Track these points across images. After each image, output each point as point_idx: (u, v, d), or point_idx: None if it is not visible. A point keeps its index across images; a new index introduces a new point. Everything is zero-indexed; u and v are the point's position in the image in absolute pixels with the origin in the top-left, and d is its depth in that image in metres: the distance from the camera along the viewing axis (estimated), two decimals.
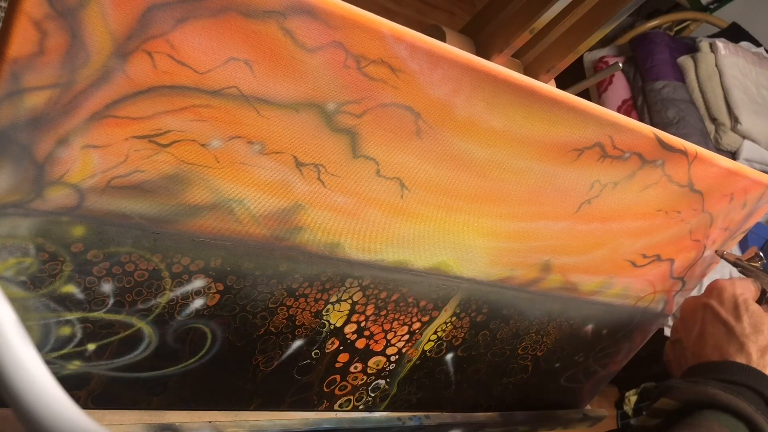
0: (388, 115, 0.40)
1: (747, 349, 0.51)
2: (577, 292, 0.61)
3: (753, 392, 0.48)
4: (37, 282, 0.38)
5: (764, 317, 0.53)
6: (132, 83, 0.33)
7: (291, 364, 0.51)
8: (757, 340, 0.52)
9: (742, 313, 0.54)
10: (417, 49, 0.38)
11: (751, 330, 0.52)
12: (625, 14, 0.61)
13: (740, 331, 0.52)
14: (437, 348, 0.58)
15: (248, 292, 0.45)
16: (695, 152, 0.54)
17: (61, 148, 0.33)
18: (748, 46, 1.54)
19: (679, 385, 0.50)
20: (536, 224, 0.52)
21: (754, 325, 0.53)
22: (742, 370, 0.50)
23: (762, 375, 0.50)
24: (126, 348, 0.43)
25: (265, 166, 0.39)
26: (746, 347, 0.51)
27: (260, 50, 0.35)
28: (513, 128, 0.44)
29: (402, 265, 0.49)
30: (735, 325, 0.53)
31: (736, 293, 0.55)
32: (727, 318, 0.54)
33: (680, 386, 0.50)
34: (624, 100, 1.40)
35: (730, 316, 0.54)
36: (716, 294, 0.56)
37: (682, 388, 0.49)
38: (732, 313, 0.54)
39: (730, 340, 0.52)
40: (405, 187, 0.44)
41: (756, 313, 0.54)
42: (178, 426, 0.48)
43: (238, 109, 0.36)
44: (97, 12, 0.30)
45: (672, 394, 0.50)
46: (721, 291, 0.56)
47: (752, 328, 0.52)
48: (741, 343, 0.52)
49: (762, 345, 0.51)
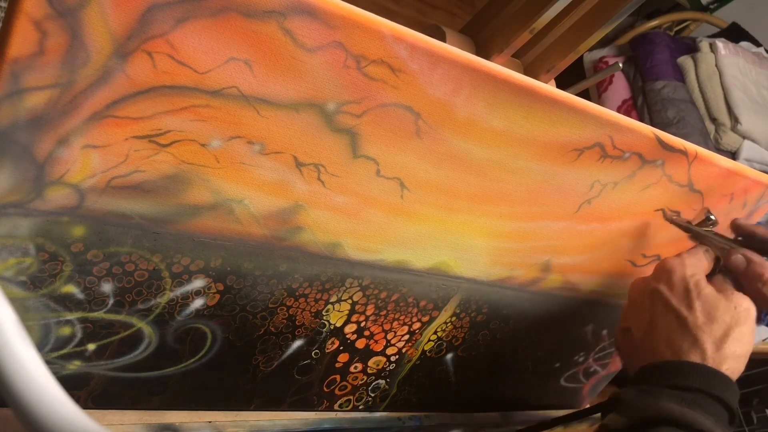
0: (388, 115, 0.40)
1: (701, 344, 0.48)
2: (577, 292, 0.61)
3: (710, 398, 0.45)
4: (37, 282, 0.38)
5: (718, 301, 0.49)
6: (132, 83, 0.33)
7: (291, 364, 0.51)
8: (711, 330, 0.48)
9: (693, 299, 0.49)
10: (417, 49, 0.38)
11: (704, 319, 0.48)
12: (625, 14, 0.61)
13: (693, 322, 0.48)
14: (437, 348, 0.58)
15: (248, 292, 0.45)
16: (695, 152, 0.54)
17: (61, 148, 0.33)
18: (748, 46, 1.54)
19: (629, 399, 0.46)
20: (536, 224, 0.52)
21: (707, 312, 0.49)
22: (697, 373, 0.46)
23: (718, 375, 0.46)
24: (126, 348, 0.43)
25: (265, 166, 0.39)
26: (700, 341, 0.48)
27: (260, 50, 0.35)
28: (513, 128, 0.44)
29: (402, 265, 0.49)
30: (687, 315, 0.49)
31: (686, 275, 0.51)
32: (679, 308, 0.50)
33: (631, 400, 0.46)
34: (624, 100, 1.40)
35: (681, 305, 0.50)
36: (665, 277, 0.52)
37: (634, 403, 0.45)
38: (683, 300, 0.50)
39: (682, 334, 0.49)
40: (405, 187, 0.44)
41: (709, 298, 0.49)
42: (178, 426, 0.48)
43: (238, 109, 0.36)
44: (97, 12, 0.30)
45: (622, 410, 0.46)
46: (670, 273, 0.51)
47: (705, 317, 0.49)
48: (694, 337, 0.48)
49: (717, 336, 0.48)
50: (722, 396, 0.45)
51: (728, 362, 0.47)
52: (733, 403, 0.45)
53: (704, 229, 0.56)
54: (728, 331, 0.48)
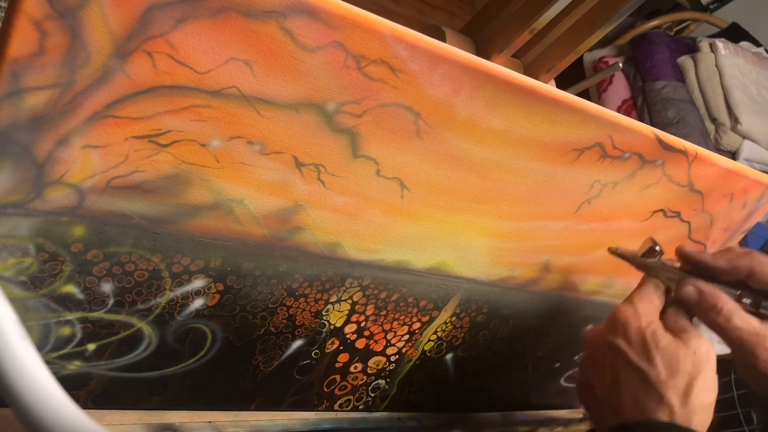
0: (388, 115, 0.40)
1: (667, 400, 0.46)
2: (577, 292, 0.61)
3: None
4: (37, 282, 0.38)
5: (678, 349, 0.48)
6: (132, 83, 0.33)
7: (291, 364, 0.51)
8: (675, 384, 0.47)
9: (652, 353, 0.48)
10: (417, 49, 0.38)
11: (666, 374, 0.47)
12: (625, 14, 0.61)
13: (655, 378, 0.47)
14: (437, 348, 0.58)
15: (248, 292, 0.45)
16: (695, 152, 0.54)
17: (61, 148, 0.33)
18: (748, 46, 1.54)
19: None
20: (536, 224, 0.52)
21: (668, 365, 0.47)
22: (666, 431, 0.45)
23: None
24: (126, 348, 0.43)
25: (265, 166, 0.39)
26: (666, 397, 0.46)
27: (260, 50, 0.35)
28: (513, 128, 0.44)
29: (402, 265, 0.49)
30: (648, 370, 0.47)
31: (642, 326, 0.49)
32: (639, 363, 0.48)
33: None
34: (624, 100, 1.40)
35: (641, 360, 0.48)
36: (621, 331, 0.50)
37: None
38: (642, 354, 0.48)
39: (647, 392, 0.47)
40: (405, 187, 0.44)
41: (668, 349, 0.48)
42: (178, 426, 0.48)
43: (238, 109, 0.36)
44: (97, 12, 0.30)
45: None
46: (625, 326, 0.50)
47: (667, 370, 0.47)
48: (659, 393, 0.47)
49: (681, 389, 0.47)
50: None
51: (697, 416, 0.46)
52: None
53: (650, 260, 0.53)
54: (691, 382, 0.47)
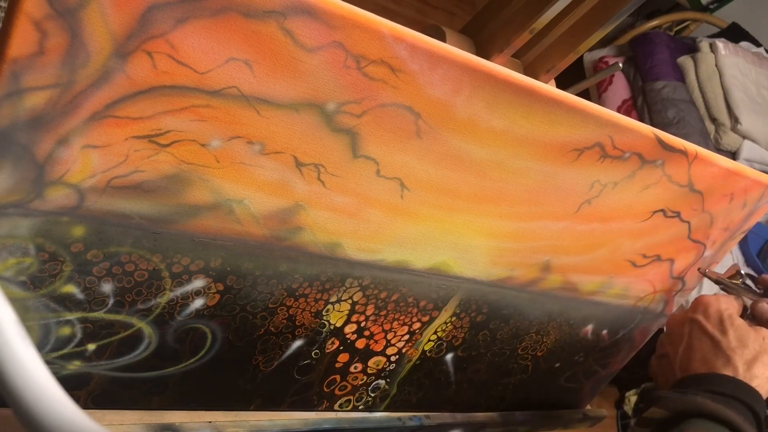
0: (388, 115, 0.40)
1: (734, 363, 0.52)
2: (577, 292, 0.61)
3: (740, 403, 0.49)
4: (37, 282, 0.38)
5: (749, 331, 0.54)
6: (132, 83, 0.33)
7: (291, 364, 0.51)
8: (743, 353, 0.53)
9: (727, 327, 0.55)
10: (417, 49, 0.38)
11: (736, 343, 0.53)
12: (625, 14, 0.61)
13: (726, 345, 0.53)
14: (437, 348, 0.58)
15: (248, 292, 0.45)
16: (695, 152, 0.54)
17: (61, 148, 0.33)
18: (748, 46, 1.54)
19: (668, 395, 0.51)
20: (536, 224, 0.52)
21: (739, 338, 0.54)
22: (729, 382, 0.51)
23: (749, 387, 0.51)
24: (126, 348, 0.43)
25: (265, 166, 0.39)
26: (733, 360, 0.53)
27: (260, 50, 0.35)
28: (513, 128, 0.44)
29: (402, 265, 0.49)
30: (721, 339, 0.54)
31: (721, 308, 0.56)
32: (713, 332, 0.55)
33: (670, 396, 0.51)
34: (624, 100, 1.40)
35: (716, 330, 0.55)
36: (702, 309, 0.57)
37: (672, 398, 0.50)
38: (717, 327, 0.55)
39: (716, 354, 0.54)
40: (405, 187, 0.44)
41: (741, 327, 0.55)
42: (178, 426, 0.48)
43: (238, 109, 0.36)
44: (97, 12, 0.30)
45: (661, 403, 0.51)
46: (706, 306, 0.57)
47: (738, 342, 0.53)
48: (727, 356, 0.53)
49: (748, 358, 0.53)
50: (752, 404, 0.49)
51: (757, 380, 0.52)
52: (761, 413, 0.50)
53: (733, 282, 0.62)
54: (757, 356, 0.53)
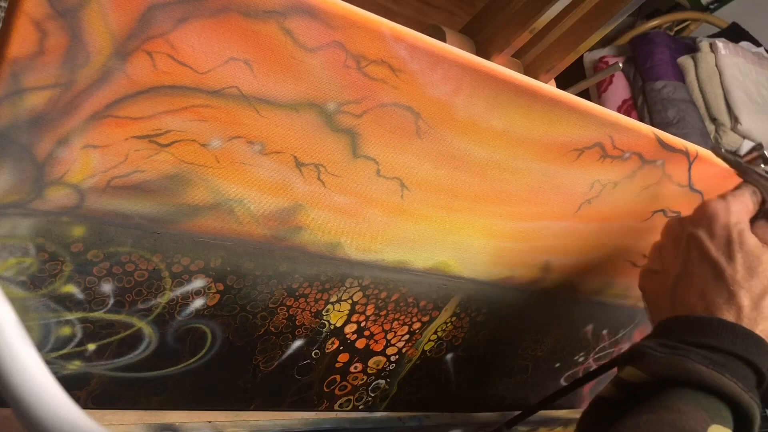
0: (388, 115, 0.40)
1: (738, 300, 0.44)
2: (577, 292, 0.61)
3: (740, 361, 0.42)
4: (37, 282, 0.38)
5: (762, 254, 0.45)
6: (132, 83, 0.33)
7: (291, 364, 0.51)
8: (750, 287, 0.44)
9: (735, 251, 0.45)
10: (417, 49, 0.38)
11: (744, 274, 0.44)
12: (625, 14, 0.61)
13: (731, 276, 0.44)
14: (437, 348, 0.58)
15: (248, 292, 0.45)
16: (696, 152, 0.54)
17: (61, 148, 0.33)
18: (748, 46, 1.54)
19: (652, 354, 0.42)
20: (536, 224, 0.52)
21: (748, 266, 0.44)
22: (730, 333, 0.42)
23: (752, 337, 0.42)
24: (126, 348, 0.43)
25: (265, 166, 0.39)
26: (737, 297, 0.44)
27: (260, 50, 0.35)
28: (513, 128, 0.44)
29: (402, 265, 0.49)
30: (726, 267, 0.45)
31: (730, 223, 0.46)
32: (718, 258, 0.45)
33: (654, 356, 0.42)
34: (624, 100, 1.40)
35: (720, 255, 0.45)
36: (706, 223, 0.47)
37: (657, 359, 0.42)
38: (724, 250, 0.45)
39: (718, 287, 0.44)
40: (405, 187, 0.44)
41: (752, 250, 0.45)
42: (178, 426, 0.48)
43: (238, 109, 0.36)
44: (97, 12, 0.30)
45: (643, 364, 0.42)
46: (712, 219, 0.47)
47: (745, 271, 0.44)
48: (731, 292, 0.44)
49: (756, 293, 0.44)
50: (753, 359, 0.42)
51: (764, 322, 0.44)
52: (763, 367, 0.42)
53: (754, 167, 0.50)
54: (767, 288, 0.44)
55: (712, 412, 0.40)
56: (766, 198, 0.49)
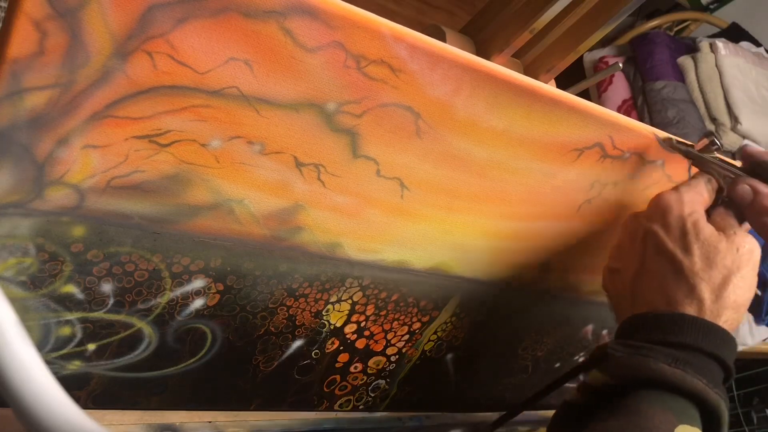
0: (388, 115, 0.40)
1: (698, 293, 0.43)
2: (577, 292, 0.61)
3: (705, 356, 0.41)
4: (37, 282, 0.38)
5: (719, 242, 0.44)
6: (132, 83, 0.33)
7: (291, 364, 0.51)
8: (710, 277, 0.43)
9: (691, 242, 0.44)
10: (417, 49, 0.38)
11: (702, 265, 0.44)
12: (625, 14, 0.61)
13: (689, 268, 0.44)
14: (437, 348, 0.58)
15: (248, 292, 0.45)
16: None
17: (61, 148, 0.33)
18: (748, 46, 1.54)
19: (614, 355, 0.42)
20: (536, 224, 0.52)
21: (705, 257, 0.44)
22: (692, 327, 0.42)
23: (715, 330, 0.42)
24: (126, 348, 0.43)
25: (265, 166, 0.39)
26: (697, 289, 0.43)
27: (260, 50, 0.35)
28: (513, 128, 0.44)
29: (402, 265, 0.49)
30: (683, 259, 0.44)
31: (684, 213, 0.45)
32: (674, 251, 0.45)
33: (618, 358, 0.41)
34: (624, 100, 1.40)
35: (677, 248, 0.45)
36: (660, 216, 0.46)
37: (620, 360, 0.41)
38: (679, 243, 0.45)
39: (677, 281, 0.44)
40: (405, 187, 0.44)
41: (708, 240, 0.44)
42: (178, 426, 0.48)
43: (238, 109, 0.36)
44: (97, 12, 0.30)
45: (606, 367, 0.42)
46: (665, 211, 0.46)
47: (704, 262, 0.44)
48: (691, 284, 0.43)
49: (716, 283, 0.43)
50: (719, 353, 0.41)
51: (726, 313, 0.43)
52: (729, 360, 0.42)
53: (708, 155, 0.49)
54: (728, 276, 0.43)
55: (679, 412, 0.39)
56: (722, 185, 0.48)
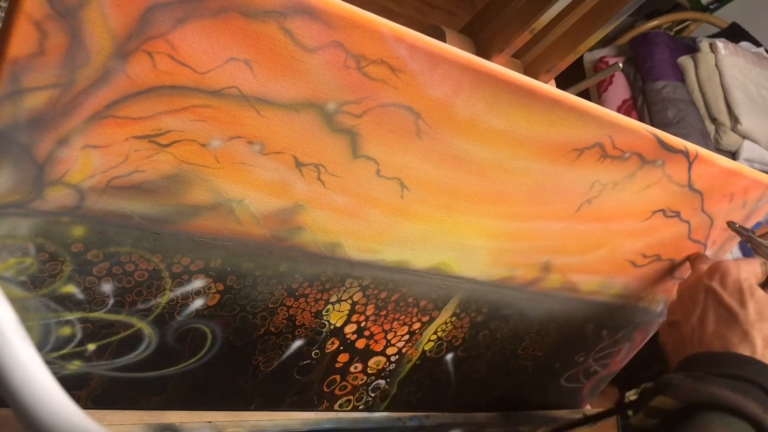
0: (388, 115, 0.40)
1: (751, 339, 0.48)
2: (577, 292, 0.61)
3: (759, 389, 0.45)
4: (37, 282, 0.38)
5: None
6: (132, 83, 0.33)
7: (291, 364, 0.51)
8: (762, 328, 0.48)
9: (747, 299, 0.50)
10: (417, 49, 0.38)
11: (756, 317, 0.49)
12: (625, 14, 0.61)
13: (744, 319, 0.49)
14: (437, 348, 0.58)
15: (248, 292, 0.45)
16: (695, 152, 0.54)
17: (62, 148, 0.33)
18: (748, 46, 1.54)
19: (680, 383, 0.46)
20: (536, 224, 0.52)
21: (759, 312, 0.49)
22: (747, 364, 0.46)
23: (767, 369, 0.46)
24: (126, 348, 0.43)
25: (265, 166, 0.39)
26: (750, 336, 0.48)
27: (260, 50, 0.35)
28: (513, 128, 0.44)
29: (402, 265, 0.49)
30: (739, 311, 0.49)
31: (741, 278, 0.52)
32: (731, 303, 0.50)
33: (682, 384, 0.45)
34: (624, 100, 1.40)
35: (734, 301, 0.50)
36: (719, 277, 0.52)
37: (685, 386, 0.45)
38: (736, 298, 0.50)
39: (733, 328, 0.49)
40: (405, 187, 0.44)
41: (762, 299, 0.50)
42: (178, 426, 0.48)
43: (238, 109, 0.36)
44: (97, 12, 0.30)
45: (672, 392, 0.45)
46: (724, 274, 0.52)
47: (757, 315, 0.49)
48: (745, 331, 0.48)
49: (766, 333, 0.48)
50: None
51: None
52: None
53: (765, 241, 0.57)
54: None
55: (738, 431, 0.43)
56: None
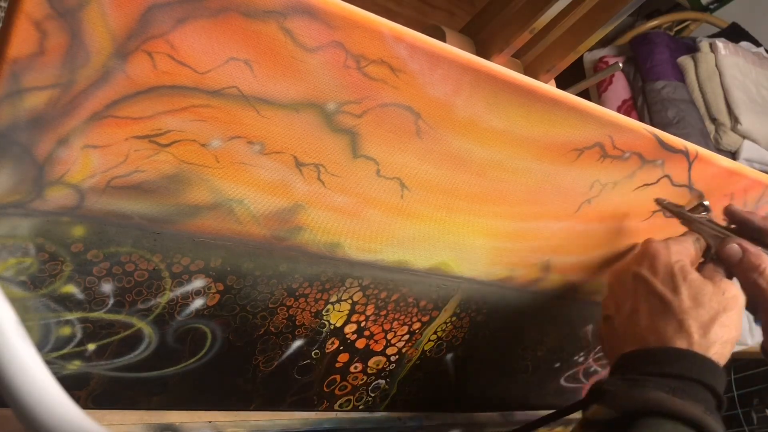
0: (388, 115, 0.40)
1: (687, 329, 0.45)
2: (577, 292, 0.61)
3: (699, 385, 0.42)
4: (37, 282, 0.38)
5: (705, 286, 0.47)
6: (132, 83, 0.33)
7: (291, 364, 0.51)
8: (697, 315, 0.45)
9: (679, 284, 0.47)
10: (417, 49, 0.38)
11: (690, 303, 0.46)
12: (625, 14, 0.61)
13: (678, 307, 0.46)
14: (437, 348, 0.58)
15: (248, 292, 0.45)
16: (695, 152, 0.54)
17: (61, 148, 0.33)
18: (748, 46, 1.54)
19: (614, 389, 0.43)
20: (536, 224, 0.52)
21: (693, 297, 0.46)
22: (684, 359, 0.43)
23: (705, 361, 0.44)
24: (126, 348, 0.43)
25: (265, 166, 0.39)
26: (686, 325, 0.45)
27: (260, 50, 0.35)
28: (513, 128, 0.44)
29: (402, 265, 0.49)
30: (672, 299, 0.46)
31: (671, 261, 0.48)
32: (663, 291, 0.47)
33: (616, 391, 0.43)
34: (624, 100, 1.40)
35: (666, 288, 0.47)
36: (648, 262, 0.49)
37: (619, 393, 0.42)
38: (668, 284, 0.47)
39: (667, 319, 0.46)
40: (405, 187, 0.44)
41: (695, 282, 0.47)
42: (178, 426, 0.48)
43: (238, 109, 0.36)
44: (97, 12, 0.30)
45: (606, 400, 0.43)
46: (653, 258, 0.49)
47: (691, 301, 0.46)
48: (680, 321, 0.45)
49: (703, 320, 0.45)
50: (710, 382, 0.43)
51: (715, 347, 0.45)
52: (720, 390, 0.43)
53: (697, 215, 0.53)
54: (715, 316, 0.45)
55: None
56: (710, 244, 0.52)
